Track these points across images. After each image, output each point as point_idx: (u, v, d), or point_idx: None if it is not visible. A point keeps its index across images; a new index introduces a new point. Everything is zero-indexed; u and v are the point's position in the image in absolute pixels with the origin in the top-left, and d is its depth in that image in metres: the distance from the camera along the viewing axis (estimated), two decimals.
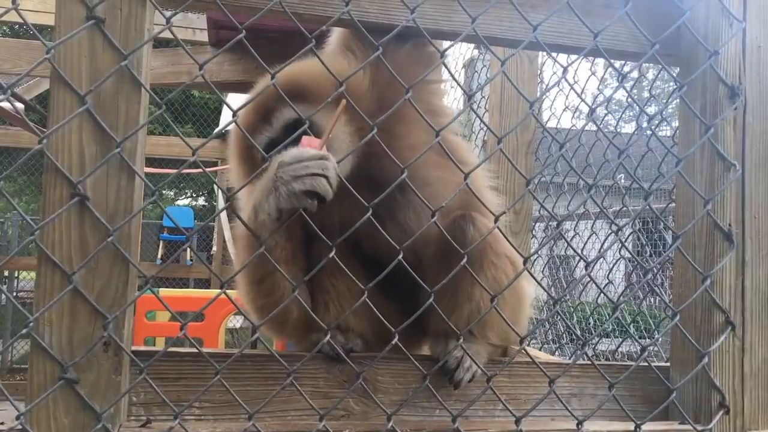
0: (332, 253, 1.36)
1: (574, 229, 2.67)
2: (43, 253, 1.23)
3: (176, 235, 10.39)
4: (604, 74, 2.67)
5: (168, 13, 1.30)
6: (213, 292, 6.09)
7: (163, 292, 6.77)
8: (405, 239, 1.38)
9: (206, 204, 17.88)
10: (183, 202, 18.86)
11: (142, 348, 1.51)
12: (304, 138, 1.45)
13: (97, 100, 1.26)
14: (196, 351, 1.38)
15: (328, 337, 1.41)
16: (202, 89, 7.65)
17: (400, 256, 1.37)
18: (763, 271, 1.57)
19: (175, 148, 8.74)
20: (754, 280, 1.57)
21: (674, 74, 1.70)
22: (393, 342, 1.37)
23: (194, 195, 18.61)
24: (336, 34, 1.95)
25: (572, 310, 3.52)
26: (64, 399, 1.23)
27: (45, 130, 1.27)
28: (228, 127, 1.48)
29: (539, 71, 2.86)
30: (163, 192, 17.61)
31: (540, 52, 2.73)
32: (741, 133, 1.57)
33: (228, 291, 1.30)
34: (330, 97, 1.47)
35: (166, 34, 1.30)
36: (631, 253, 1.61)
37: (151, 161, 9.63)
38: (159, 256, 9.83)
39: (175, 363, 1.46)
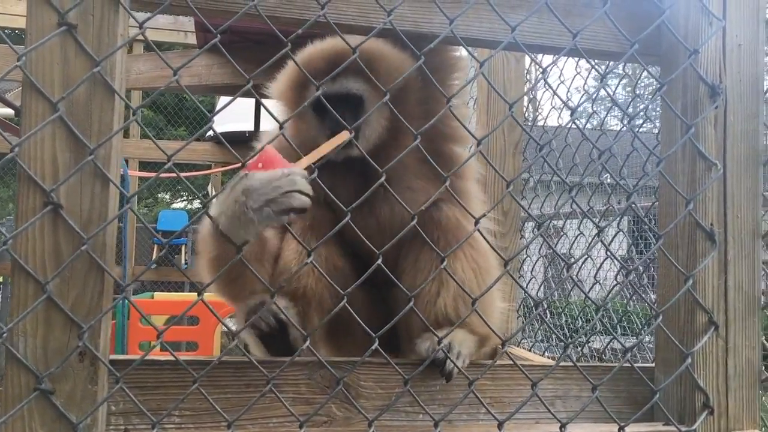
0: (311, 259, 1.35)
1: (562, 229, 2.66)
2: (16, 263, 1.22)
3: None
4: (590, 73, 2.66)
5: (141, 18, 1.29)
6: (209, 296, 6.06)
7: (158, 295, 6.75)
8: (379, 229, 1.40)
9: (201, 207, 17.82)
10: (178, 205, 18.82)
11: (121, 357, 1.49)
12: (269, 148, 1.44)
13: (69, 107, 1.25)
14: (175, 359, 1.36)
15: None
16: (193, 92, 7.64)
17: (380, 261, 1.36)
18: (746, 271, 1.57)
19: (168, 152, 8.69)
20: (737, 279, 1.56)
21: (655, 73, 1.69)
22: (373, 347, 1.36)
23: (189, 198, 18.57)
24: None
25: (560, 310, 3.51)
26: (39, 410, 1.21)
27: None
28: (208, 132, 1.46)
29: (526, 71, 2.85)
30: (158, 195, 17.58)
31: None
32: (722, 132, 1.57)
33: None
34: (391, 83, 1.53)
35: (154, 37, 1.30)
36: (612, 254, 1.61)
37: (144, 165, 9.61)
38: (153, 260, 9.80)
39: (154, 371, 1.44)
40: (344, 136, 1.58)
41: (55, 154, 1.25)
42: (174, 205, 18.57)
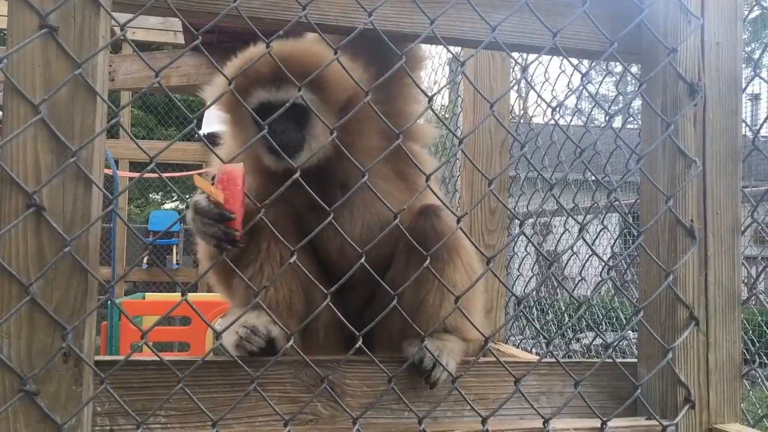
0: (293, 258, 1.36)
1: (548, 226, 2.68)
2: None
3: (162, 239, 10.35)
4: (573, 72, 2.68)
5: (123, 20, 1.30)
6: (200, 296, 6.07)
7: (150, 296, 6.73)
8: (336, 237, 1.40)
9: (186, 208, 17.75)
10: (170, 205, 18.75)
11: (107, 357, 1.50)
12: (227, 167, 1.43)
13: (51, 109, 1.25)
14: (159, 359, 1.37)
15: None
16: (184, 93, 7.63)
17: (363, 259, 1.37)
18: (726, 267, 1.59)
19: (157, 152, 8.68)
20: (717, 275, 1.58)
21: (635, 72, 1.70)
22: (356, 345, 1.37)
23: (181, 199, 18.49)
24: None
25: (548, 306, 3.53)
26: (24, 411, 1.22)
27: None
28: (187, 132, 1.47)
29: (512, 69, 2.86)
30: (150, 196, 17.52)
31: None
32: (701, 129, 1.59)
33: (209, 294, 1.29)
34: (337, 101, 1.63)
35: (144, 38, 1.30)
36: (593, 251, 1.62)
37: (135, 165, 9.60)
38: (145, 260, 9.78)
39: (139, 371, 1.45)
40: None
41: (37, 156, 1.25)
42: (165, 206, 18.51)
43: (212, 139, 1.92)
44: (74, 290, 1.25)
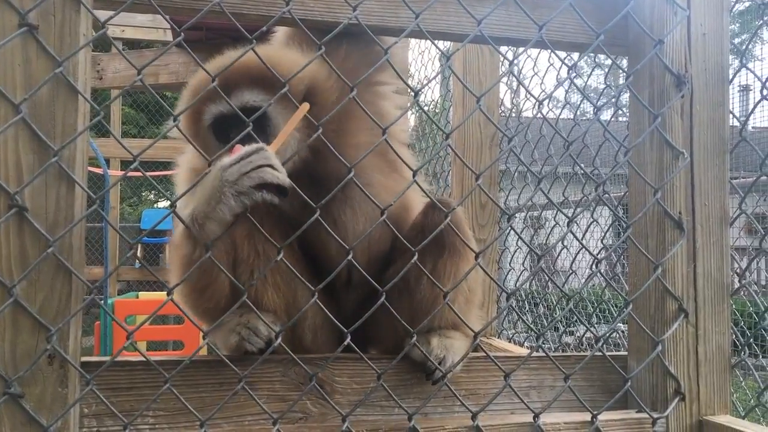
0: (280, 256, 1.34)
1: (538, 220, 2.69)
2: None
3: (154, 238, 10.31)
4: (561, 65, 2.66)
5: (104, 18, 1.29)
6: None
7: (143, 295, 6.72)
8: (338, 234, 1.38)
9: (171, 206, 17.63)
10: (163, 204, 18.67)
11: (94, 358, 1.48)
12: (239, 147, 1.41)
13: (32, 108, 1.24)
14: (146, 359, 1.36)
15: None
16: (173, 90, 7.59)
17: (350, 256, 1.36)
18: (715, 258, 1.58)
19: (149, 150, 8.63)
20: (705, 267, 1.58)
21: (622, 64, 1.70)
22: (345, 342, 1.36)
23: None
24: (284, 28, 1.95)
25: (538, 300, 3.54)
26: (9, 414, 1.20)
27: None
28: (170, 132, 1.46)
29: (501, 63, 2.85)
30: (143, 194, 17.45)
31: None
32: (688, 121, 1.58)
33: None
34: (295, 93, 1.54)
35: (132, 35, 1.29)
36: (583, 245, 1.62)
37: (126, 164, 9.54)
38: (122, 260, 9.72)
39: (126, 372, 1.44)
40: (304, 108, 1.50)
41: (18, 156, 1.23)
42: (159, 204, 18.43)
43: None
44: (58, 291, 1.24)
